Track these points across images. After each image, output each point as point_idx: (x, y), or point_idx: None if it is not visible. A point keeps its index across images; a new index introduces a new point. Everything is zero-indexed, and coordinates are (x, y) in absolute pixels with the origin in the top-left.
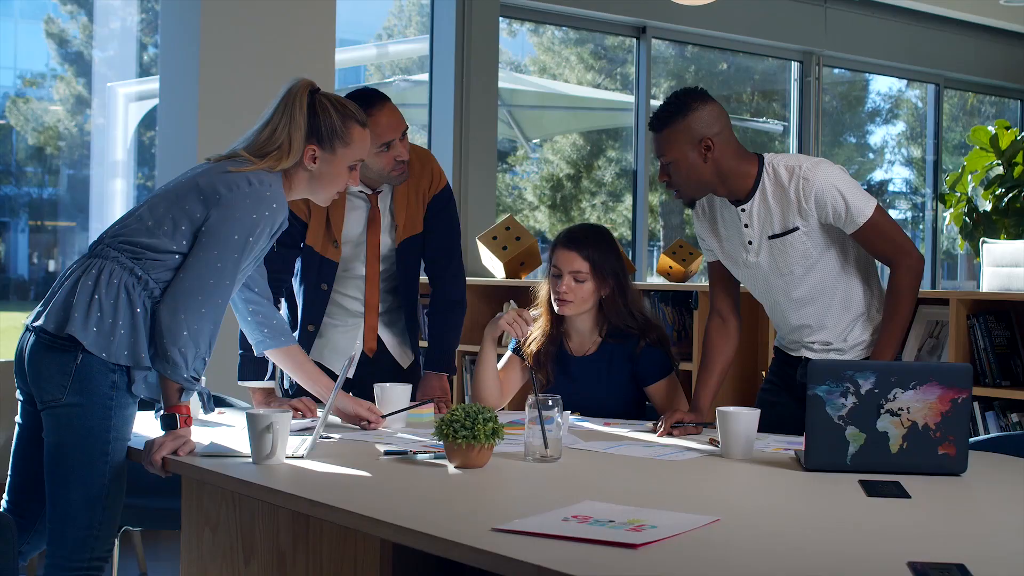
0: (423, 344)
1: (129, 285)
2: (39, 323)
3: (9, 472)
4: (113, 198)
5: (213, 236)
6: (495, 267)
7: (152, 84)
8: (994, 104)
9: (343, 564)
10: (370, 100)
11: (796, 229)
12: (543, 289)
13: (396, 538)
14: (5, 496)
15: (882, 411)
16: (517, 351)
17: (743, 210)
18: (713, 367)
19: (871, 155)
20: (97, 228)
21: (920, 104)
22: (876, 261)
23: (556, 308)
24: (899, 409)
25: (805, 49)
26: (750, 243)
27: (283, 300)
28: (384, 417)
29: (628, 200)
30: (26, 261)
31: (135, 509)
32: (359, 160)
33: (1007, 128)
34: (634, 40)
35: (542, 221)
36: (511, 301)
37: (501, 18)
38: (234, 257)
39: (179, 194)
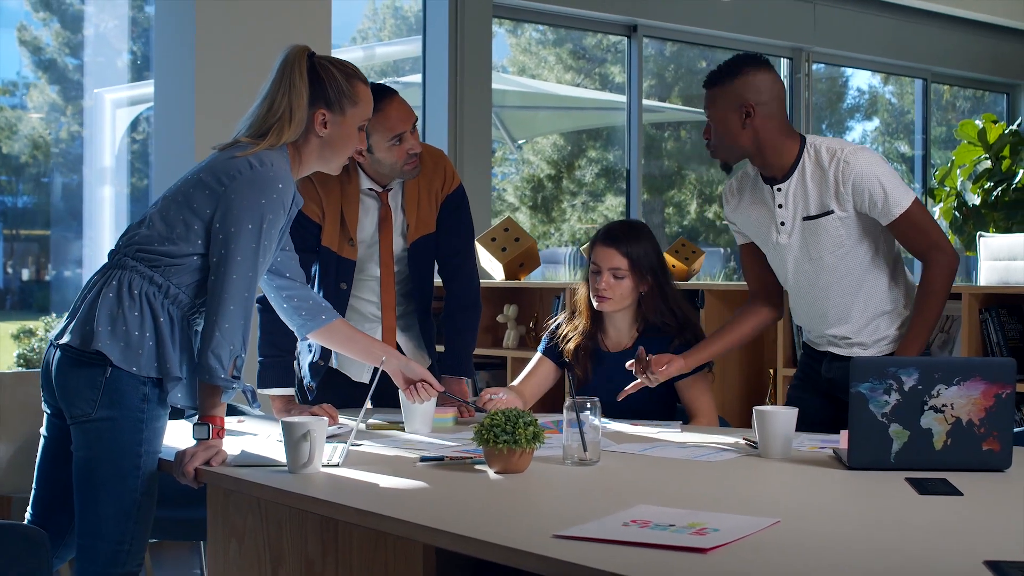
0: (439, 348)
1: (150, 295)
2: (64, 340)
3: (34, 485)
4: (102, 205)
5: (226, 230)
6: (494, 269)
7: (139, 89)
8: (969, 99)
9: (374, 571)
10: (378, 93)
11: (831, 212)
12: (581, 289)
13: (455, 546)
14: (29, 509)
15: (926, 408)
16: (548, 352)
17: (779, 189)
18: (725, 332)
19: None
20: (91, 236)
21: (895, 100)
22: (904, 259)
23: (595, 304)
24: (943, 405)
25: (795, 46)
26: (783, 224)
27: None
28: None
29: (609, 200)
30: (1, 270)
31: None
32: (367, 119)
33: (994, 122)
34: (619, 39)
35: (523, 222)
36: (513, 304)
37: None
38: (251, 247)
39: (186, 193)
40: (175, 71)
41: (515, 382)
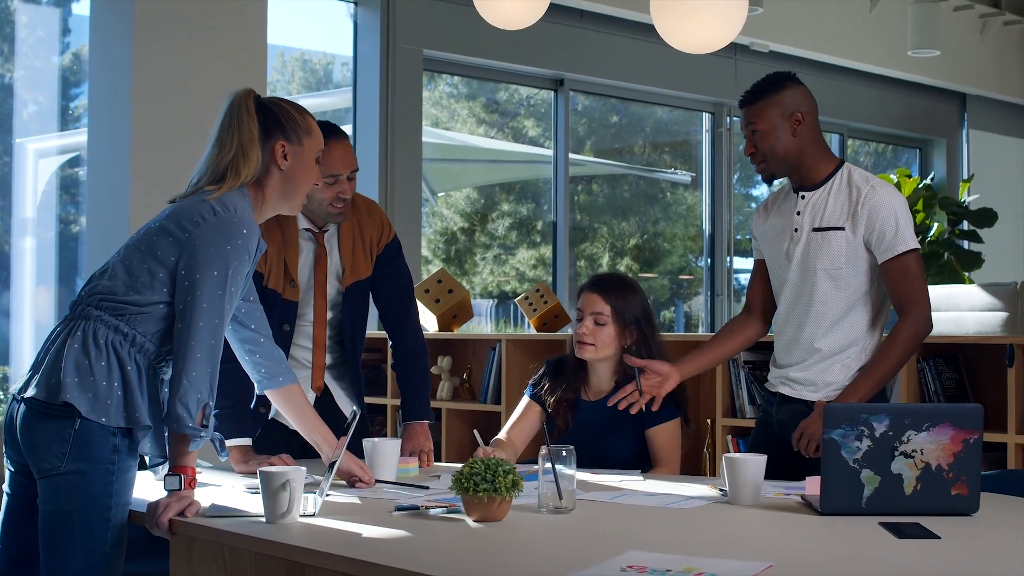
0: (381, 400)
1: (117, 344)
2: (30, 393)
3: None
4: (24, 256)
5: (191, 277)
6: (427, 320)
7: (65, 139)
8: (871, 154)
9: None
10: (331, 131)
11: (842, 229)
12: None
13: None
14: None
15: (896, 453)
16: (535, 397)
17: (803, 197)
18: (715, 344)
19: (754, 205)
20: (18, 287)
21: None
22: (882, 332)
23: (576, 352)
24: (913, 451)
25: (716, 100)
26: (796, 231)
27: None
28: (377, 480)
29: (521, 253)
30: None
31: None
32: (320, 151)
33: (908, 176)
34: (533, 91)
35: None
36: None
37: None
38: (218, 294)
39: (149, 242)
40: (110, 120)
41: (503, 431)
